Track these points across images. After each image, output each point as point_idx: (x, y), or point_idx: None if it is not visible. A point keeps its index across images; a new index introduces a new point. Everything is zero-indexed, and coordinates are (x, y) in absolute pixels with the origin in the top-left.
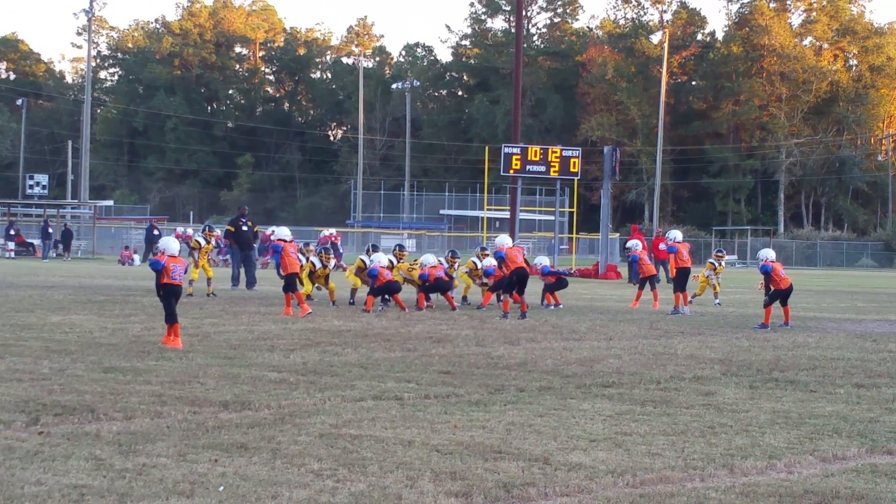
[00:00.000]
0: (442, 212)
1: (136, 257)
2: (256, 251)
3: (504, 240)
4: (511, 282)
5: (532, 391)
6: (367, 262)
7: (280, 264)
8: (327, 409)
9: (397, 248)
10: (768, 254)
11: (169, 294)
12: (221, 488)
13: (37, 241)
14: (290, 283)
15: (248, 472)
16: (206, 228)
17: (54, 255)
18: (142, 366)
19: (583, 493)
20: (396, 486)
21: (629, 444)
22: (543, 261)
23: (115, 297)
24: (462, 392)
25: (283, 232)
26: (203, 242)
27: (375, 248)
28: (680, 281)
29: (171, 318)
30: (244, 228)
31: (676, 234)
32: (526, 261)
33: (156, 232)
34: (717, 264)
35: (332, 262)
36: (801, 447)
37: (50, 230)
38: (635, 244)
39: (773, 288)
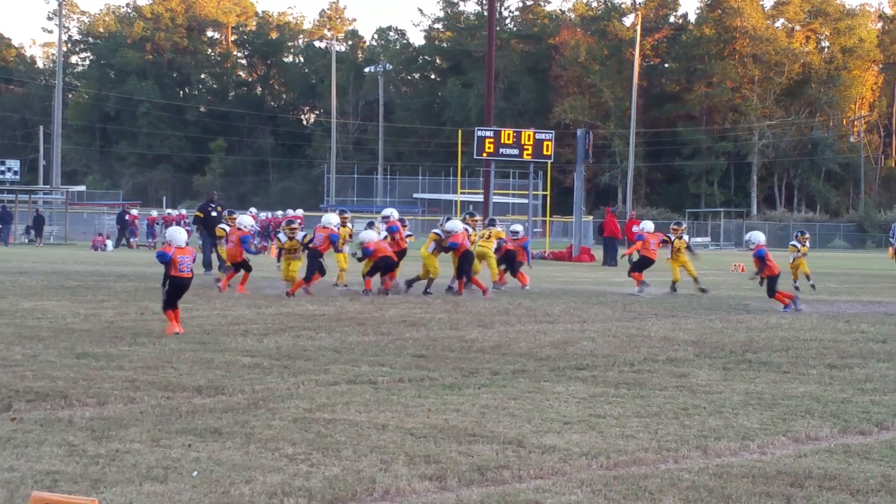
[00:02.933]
0: (415, 195)
1: (109, 243)
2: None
3: (455, 225)
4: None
5: (506, 374)
6: (442, 234)
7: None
8: (301, 394)
9: (467, 215)
10: (759, 237)
11: (175, 287)
12: (195, 473)
13: None
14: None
15: (222, 457)
16: (228, 213)
17: (26, 240)
18: (115, 351)
19: (557, 475)
20: (370, 470)
21: (603, 426)
22: (517, 227)
23: (87, 282)
24: (436, 375)
25: (245, 220)
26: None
27: (371, 225)
28: (638, 265)
29: (168, 306)
30: (213, 214)
31: (647, 225)
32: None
33: (127, 217)
34: (672, 238)
35: (299, 234)
36: (774, 428)
37: (10, 213)
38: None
39: (764, 276)
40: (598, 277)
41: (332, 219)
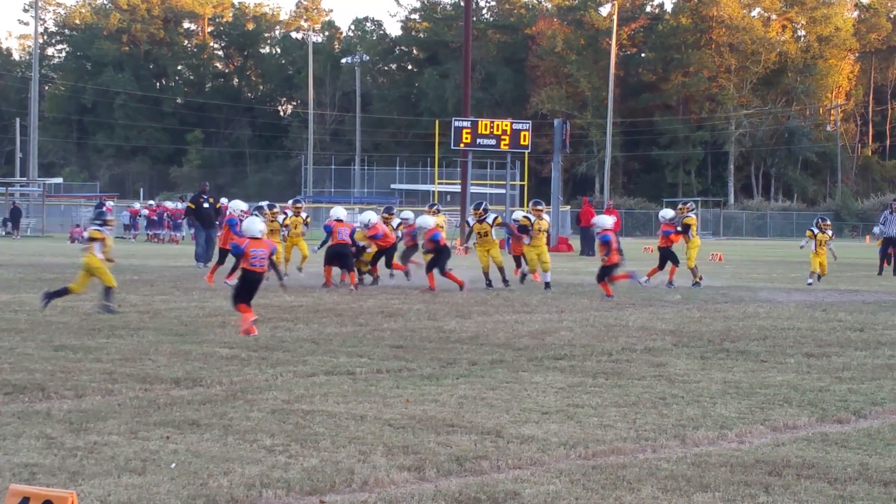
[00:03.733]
0: (393, 186)
1: (87, 235)
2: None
3: (426, 220)
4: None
5: (484, 364)
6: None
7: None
8: (279, 385)
9: (476, 205)
10: (605, 222)
11: (245, 281)
12: (173, 465)
13: None
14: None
15: (200, 449)
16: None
17: (3, 233)
18: (92, 343)
19: (535, 465)
20: (349, 461)
21: (581, 416)
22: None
23: (65, 275)
24: (414, 366)
25: (238, 205)
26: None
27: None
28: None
29: (238, 300)
30: (205, 206)
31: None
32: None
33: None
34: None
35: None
36: (752, 417)
37: None
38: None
39: (607, 263)
40: (575, 267)
41: (340, 212)
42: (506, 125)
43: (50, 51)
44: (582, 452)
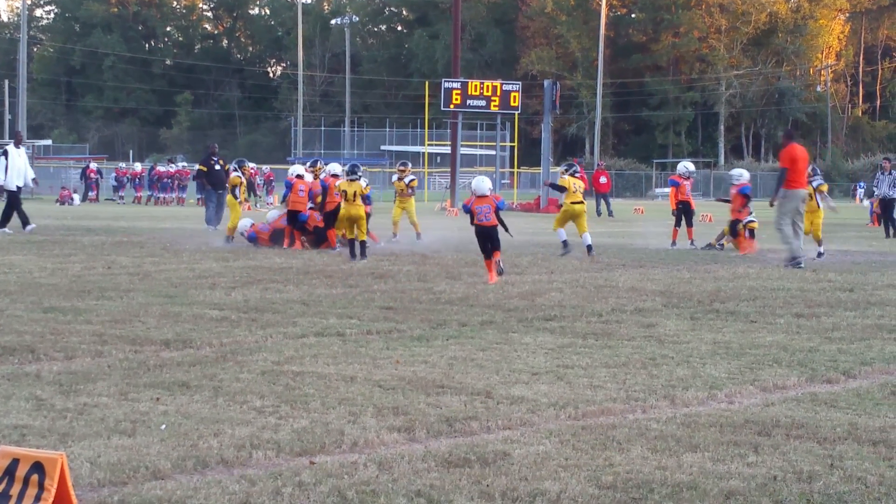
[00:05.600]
0: (383, 147)
1: (76, 197)
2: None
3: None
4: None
5: (474, 325)
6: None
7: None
8: (269, 347)
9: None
10: (745, 174)
11: (477, 235)
12: (163, 427)
13: None
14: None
15: (190, 410)
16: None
17: None
18: (82, 305)
19: (525, 426)
20: (339, 422)
21: (571, 376)
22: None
23: (54, 236)
24: (404, 327)
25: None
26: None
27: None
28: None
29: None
30: (216, 168)
31: (686, 167)
32: None
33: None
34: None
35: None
36: (742, 377)
37: None
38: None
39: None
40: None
41: (298, 168)
42: (496, 86)
43: (38, 12)
44: (571, 413)
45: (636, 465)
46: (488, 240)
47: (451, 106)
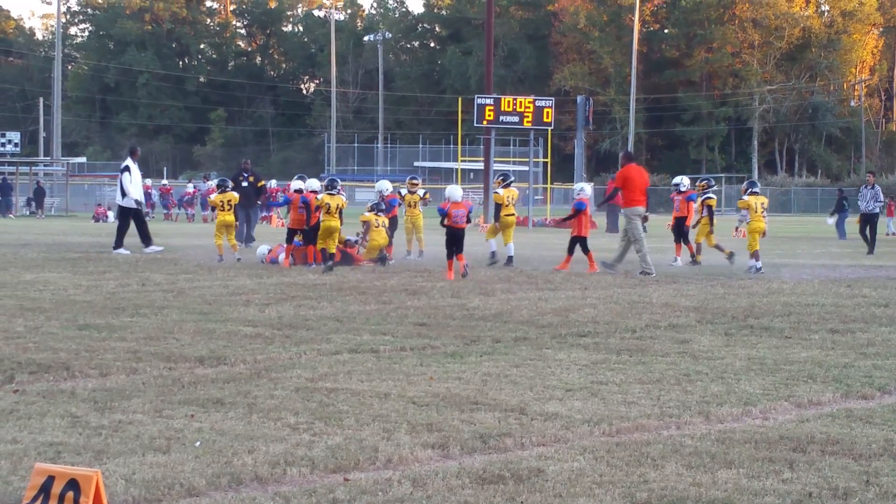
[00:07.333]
0: (416, 164)
1: (111, 214)
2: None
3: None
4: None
5: (508, 342)
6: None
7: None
8: (303, 363)
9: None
10: (586, 188)
11: (448, 236)
12: (198, 443)
13: None
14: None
15: (225, 427)
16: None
17: (27, 212)
18: (117, 322)
19: (559, 442)
20: (373, 439)
21: (605, 392)
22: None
23: (89, 254)
24: (438, 344)
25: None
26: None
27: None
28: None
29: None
30: (244, 184)
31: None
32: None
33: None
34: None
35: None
36: (777, 393)
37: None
38: None
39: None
40: (600, 244)
41: (314, 184)
42: (529, 102)
43: (73, 30)
44: (606, 429)
45: (671, 481)
46: (456, 241)
47: (484, 122)
